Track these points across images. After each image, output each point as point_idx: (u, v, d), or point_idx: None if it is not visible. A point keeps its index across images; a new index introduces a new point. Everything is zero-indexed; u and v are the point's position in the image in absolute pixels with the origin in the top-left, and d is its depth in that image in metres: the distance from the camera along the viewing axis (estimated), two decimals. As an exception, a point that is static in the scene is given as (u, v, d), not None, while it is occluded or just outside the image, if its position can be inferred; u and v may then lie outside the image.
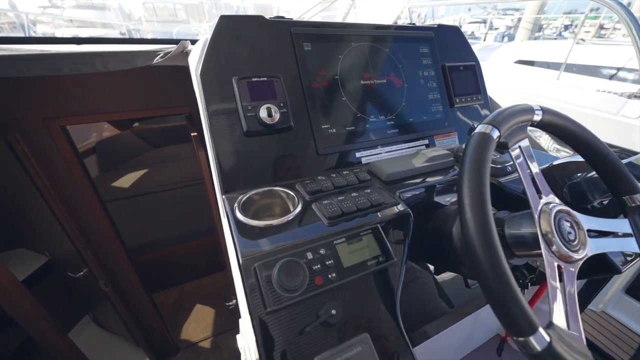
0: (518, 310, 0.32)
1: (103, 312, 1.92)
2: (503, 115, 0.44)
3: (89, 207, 1.44)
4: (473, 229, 0.35)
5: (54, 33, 6.11)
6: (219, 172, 0.58)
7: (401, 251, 0.52)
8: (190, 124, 1.38)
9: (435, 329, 0.64)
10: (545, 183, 0.45)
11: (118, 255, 1.64)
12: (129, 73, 1.27)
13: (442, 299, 0.67)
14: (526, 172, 0.45)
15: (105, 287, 1.62)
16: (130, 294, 1.75)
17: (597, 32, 7.74)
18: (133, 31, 6.58)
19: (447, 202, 0.68)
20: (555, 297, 0.38)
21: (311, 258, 0.43)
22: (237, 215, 0.51)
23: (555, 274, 0.40)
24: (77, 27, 6.80)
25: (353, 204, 0.52)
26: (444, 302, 0.67)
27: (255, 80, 0.60)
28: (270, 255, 0.43)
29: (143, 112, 1.49)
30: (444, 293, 0.68)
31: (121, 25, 6.88)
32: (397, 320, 0.48)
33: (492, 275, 0.33)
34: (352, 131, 0.70)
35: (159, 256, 2.37)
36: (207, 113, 0.58)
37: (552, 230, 0.41)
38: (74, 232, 1.40)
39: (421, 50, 0.83)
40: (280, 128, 0.61)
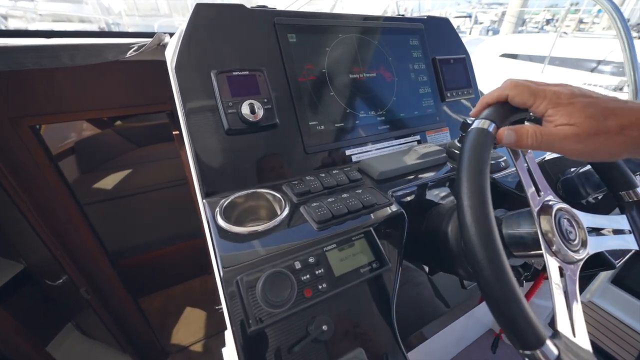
0: (525, 323, 0.30)
1: (86, 319, 1.84)
2: (500, 108, 0.42)
3: (65, 211, 1.36)
4: (475, 234, 0.33)
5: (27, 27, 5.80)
6: (198, 174, 0.53)
7: (396, 255, 0.49)
8: (172, 122, 1.32)
9: (431, 330, 0.62)
10: (544, 180, 0.43)
11: (99, 261, 1.56)
12: (105, 69, 1.19)
13: (437, 299, 0.65)
14: (524, 169, 0.43)
15: (87, 294, 1.55)
16: (114, 300, 1.68)
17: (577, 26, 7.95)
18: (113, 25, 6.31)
19: (441, 199, 0.66)
20: (559, 303, 0.36)
21: (299, 268, 0.40)
22: (219, 221, 0.47)
23: (557, 277, 0.38)
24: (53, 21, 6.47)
25: (344, 206, 0.49)
26: (439, 302, 0.65)
27: (236, 74, 0.56)
28: (254, 265, 0.39)
29: (121, 110, 1.41)
30: (439, 293, 0.66)
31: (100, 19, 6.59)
32: (393, 329, 0.45)
33: (497, 287, 0.31)
34: (342, 128, 0.67)
35: (144, 259, 2.29)
36: (184, 110, 0.53)
37: (552, 230, 0.39)
38: (49, 238, 1.32)
39: (411, 42, 0.80)
40: (265, 125, 0.57)
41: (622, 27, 1.05)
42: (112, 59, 0.76)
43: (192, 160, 0.54)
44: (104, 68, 1.20)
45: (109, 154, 2.95)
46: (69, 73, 1.15)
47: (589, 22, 9.25)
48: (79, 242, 1.47)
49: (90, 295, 1.55)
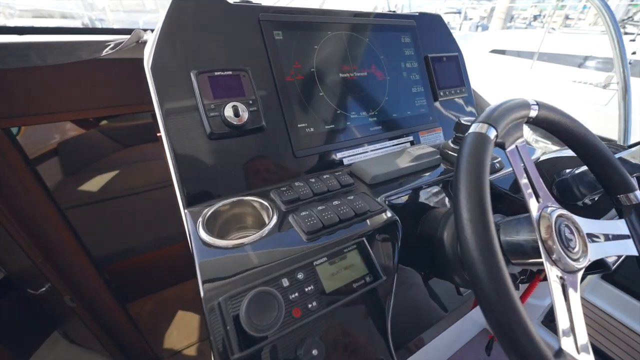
0: (528, 344, 0.28)
1: (73, 327, 1.78)
2: (499, 111, 0.40)
3: (45, 217, 1.30)
4: (475, 249, 0.31)
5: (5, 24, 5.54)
6: (179, 182, 0.50)
7: (390, 266, 0.46)
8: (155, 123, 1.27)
9: (426, 338, 0.60)
10: (543, 186, 0.42)
11: (83, 267, 1.50)
12: (87, 67, 1.13)
13: (432, 305, 0.63)
14: (523, 174, 0.41)
15: (72, 302, 1.49)
16: (101, 307, 1.63)
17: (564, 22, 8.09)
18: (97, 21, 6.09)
19: (436, 203, 0.64)
20: (562, 317, 0.34)
21: (287, 285, 0.37)
22: (201, 234, 0.44)
23: (559, 289, 0.36)
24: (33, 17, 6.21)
25: (335, 215, 0.47)
26: (434, 308, 0.63)
27: (218, 74, 0.52)
28: (238, 284, 0.36)
29: (104, 110, 1.35)
30: (433, 298, 0.64)
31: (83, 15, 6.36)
32: (388, 344, 0.43)
33: (499, 306, 0.29)
34: (332, 130, 0.64)
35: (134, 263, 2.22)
36: (162, 113, 0.49)
37: (552, 238, 0.38)
38: (28, 245, 1.26)
39: (403, 40, 0.77)
40: (250, 129, 0.54)
41: (612, 24, 1.05)
42: (87, 57, 0.71)
43: (173, 167, 0.50)
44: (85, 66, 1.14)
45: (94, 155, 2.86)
46: (48, 72, 1.09)
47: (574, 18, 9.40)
48: (61, 248, 1.41)
49: (75, 303, 1.49)
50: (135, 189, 2.35)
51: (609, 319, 1.16)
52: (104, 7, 6.76)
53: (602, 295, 1.22)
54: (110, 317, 1.70)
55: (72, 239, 1.46)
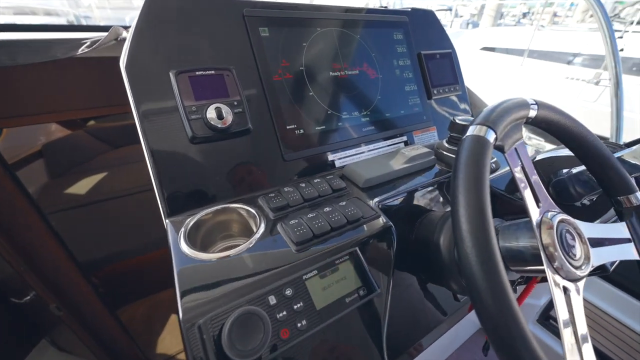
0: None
1: (62, 335, 1.72)
2: (497, 112, 0.37)
3: (26, 223, 1.24)
4: (476, 264, 0.28)
5: (-15, 21, 5.32)
6: (159, 190, 0.47)
7: (385, 276, 0.44)
8: (141, 124, 1.22)
9: (424, 344, 0.58)
10: (544, 189, 0.40)
11: (69, 274, 1.45)
12: (69, 66, 1.08)
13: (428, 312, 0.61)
14: (523, 178, 0.39)
15: (58, 310, 1.44)
16: (89, 314, 1.58)
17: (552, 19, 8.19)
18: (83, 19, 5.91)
19: (431, 205, 0.62)
20: (568, 332, 0.33)
21: (274, 303, 0.34)
22: (182, 247, 0.41)
23: (562, 301, 0.34)
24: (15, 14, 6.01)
25: (326, 223, 0.44)
26: (431, 314, 0.61)
27: (199, 74, 0.49)
28: (221, 302, 0.33)
29: (88, 111, 1.30)
30: (430, 302, 0.62)
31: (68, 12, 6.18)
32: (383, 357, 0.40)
33: (502, 327, 0.26)
34: (323, 131, 0.61)
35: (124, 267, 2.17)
36: (139, 116, 0.46)
37: (554, 244, 0.36)
38: (8, 252, 1.20)
39: (395, 36, 0.74)
40: (236, 132, 0.51)
41: (604, 21, 1.04)
42: (63, 56, 0.67)
43: (152, 174, 0.47)
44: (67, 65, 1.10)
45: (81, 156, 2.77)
46: (27, 72, 1.04)
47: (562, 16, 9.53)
48: (44, 255, 1.35)
49: (62, 312, 1.44)
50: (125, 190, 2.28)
51: (605, 316, 1.16)
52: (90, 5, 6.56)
53: (594, 291, 1.22)
54: (100, 323, 1.65)
55: (56, 245, 1.41)
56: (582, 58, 4.08)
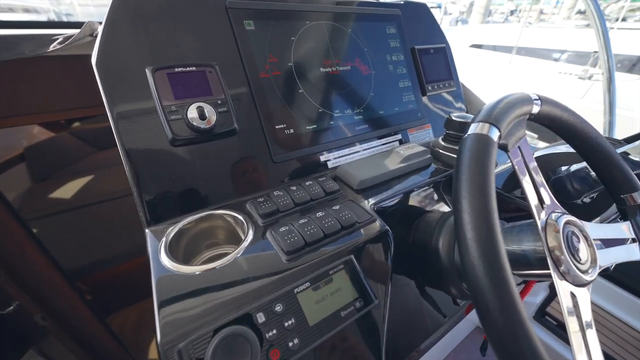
0: None
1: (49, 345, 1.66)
2: (500, 108, 0.35)
3: (4, 232, 1.18)
4: (483, 276, 0.26)
5: (-39, 19, 5.06)
6: (138, 197, 0.43)
7: (383, 284, 0.41)
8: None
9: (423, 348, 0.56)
10: (548, 190, 0.38)
11: (54, 282, 1.39)
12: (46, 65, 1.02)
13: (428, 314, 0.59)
14: (527, 178, 0.36)
15: (43, 320, 1.38)
16: (77, 323, 1.52)
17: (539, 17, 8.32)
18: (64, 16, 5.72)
19: (428, 207, 0.59)
20: (577, 339, 0.31)
21: (263, 321, 0.31)
22: (162, 259, 0.37)
23: (571, 308, 0.32)
24: (-8, 11, 5.76)
25: (319, 229, 0.41)
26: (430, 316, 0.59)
27: (179, 70, 0.45)
28: (204, 322, 0.30)
29: (72, 112, 1.24)
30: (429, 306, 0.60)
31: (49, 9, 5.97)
32: None
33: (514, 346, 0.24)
34: (314, 130, 0.58)
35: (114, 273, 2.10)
36: (114, 118, 0.42)
37: (560, 247, 0.34)
38: (-13, 264, 1.14)
39: (388, 30, 0.72)
40: (220, 132, 0.47)
41: (598, 18, 1.03)
42: (31, 54, 0.62)
43: (130, 180, 0.43)
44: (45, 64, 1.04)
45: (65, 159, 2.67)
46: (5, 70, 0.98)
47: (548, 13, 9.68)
48: (26, 264, 1.29)
49: (48, 321, 1.38)
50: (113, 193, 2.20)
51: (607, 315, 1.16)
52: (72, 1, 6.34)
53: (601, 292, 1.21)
54: (89, 331, 1.59)
55: (38, 252, 1.34)
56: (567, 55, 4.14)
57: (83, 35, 0.63)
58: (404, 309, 0.54)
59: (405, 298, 0.55)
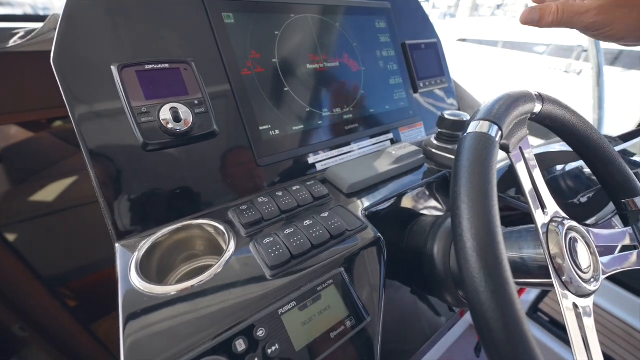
0: None
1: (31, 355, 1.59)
2: (500, 105, 0.32)
3: (-25, 240, 1.11)
4: (485, 291, 0.23)
5: None
6: (106, 208, 0.39)
7: (376, 299, 0.39)
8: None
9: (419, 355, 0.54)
10: (549, 193, 0.35)
11: (32, 290, 1.32)
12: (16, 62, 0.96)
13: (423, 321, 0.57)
14: (529, 181, 0.34)
15: (23, 331, 1.31)
16: (59, 331, 1.45)
17: (525, 11, 8.47)
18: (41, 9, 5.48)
19: (422, 209, 0.57)
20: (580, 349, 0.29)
21: (244, 349, 0.28)
22: (133, 279, 0.33)
23: (572, 315, 0.30)
24: (-36, 5, 5.47)
25: (306, 239, 0.38)
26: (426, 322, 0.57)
27: (149, 68, 0.41)
28: (176, 353, 0.27)
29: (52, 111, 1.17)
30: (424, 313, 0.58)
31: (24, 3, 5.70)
32: None
33: None
34: (301, 131, 0.55)
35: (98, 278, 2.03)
36: (75, 121, 0.38)
37: (562, 255, 0.32)
38: (-44, 275, 1.07)
39: (377, 25, 0.68)
40: (198, 135, 0.44)
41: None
42: (-11, 49, 0.56)
43: (97, 190, 0.39)
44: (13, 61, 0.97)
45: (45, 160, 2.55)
46: None
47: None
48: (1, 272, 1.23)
49: (28, 332, 1.32)
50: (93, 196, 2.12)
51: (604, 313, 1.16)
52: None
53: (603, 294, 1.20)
54: (73, 340, 1.53)
55: (14, 260, 1.28)
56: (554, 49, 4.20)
57: (48, 29, 0.58)
58: (398, 316, 0.52)
59: (399, 306, 0.53)
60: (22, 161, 2.34)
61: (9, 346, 1.58)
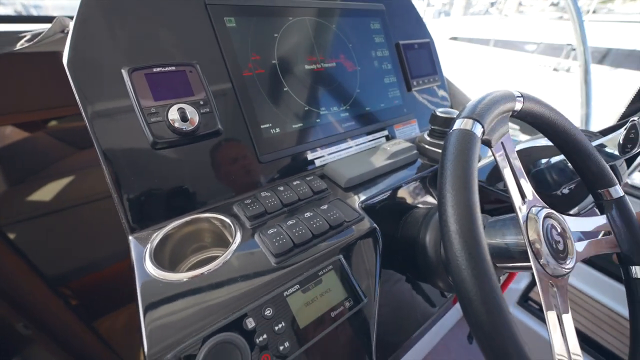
0: None
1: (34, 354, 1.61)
2: (483, 104, 0.35)
3: (-22, 239, 1.12)
4: (465, 267, 0.27)
5: None
6: (120, 204, 0.41)
7: (372, 283, 0.42)
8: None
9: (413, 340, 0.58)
10: (529, 184, 0.39)
11: (36, 289, 1.34)
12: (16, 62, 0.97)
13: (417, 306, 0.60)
14: (510, 174, 0.37)
15: (26, 329, 1.33)
16: (63, 329, 1.47)
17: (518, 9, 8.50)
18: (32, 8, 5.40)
19: (415, 202, 0.60)
20: (554, 326, 0.32)
21: (253, 327, 0.31)
22: (147, 267, 0.36)
23: (548, 294, 0.33)
24: (-47, 4, 5.37)
25: (307, 230, 0.41)
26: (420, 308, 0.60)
27: (157, 71, 0.43)
28: (192, 331, 0.30)
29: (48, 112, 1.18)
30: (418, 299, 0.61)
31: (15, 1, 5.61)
32: None
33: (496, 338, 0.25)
34: (301, 129, 0.57)
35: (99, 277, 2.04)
36: (91, 123, 0.40)
37: (540, 240, 0.35)
38: (-40, 274, 1.09)
39: (372, 26, 0.71)
40: (204, 134, 0.46)
41: (574, 11, 1.06)
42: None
43: (111, 187, 0.42)
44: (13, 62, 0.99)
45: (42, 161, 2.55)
46: None
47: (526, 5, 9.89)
48: (4, 271, 1.24)
49: (31, 330, 1.34)
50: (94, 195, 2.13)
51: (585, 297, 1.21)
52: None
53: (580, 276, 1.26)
54: (75, 338, 1.55)
55: (16, 259, 1.29)
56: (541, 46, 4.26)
57: (53, 32, 0.60)
58: (394, 303, 0.55)
59: (395, 292, 0.56)
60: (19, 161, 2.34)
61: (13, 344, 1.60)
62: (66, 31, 0.62)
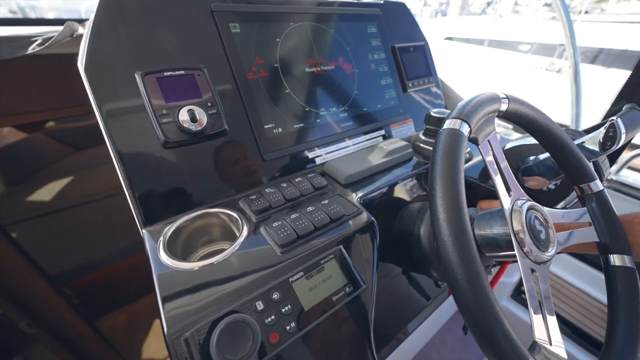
0: (506, 344, 0.28)
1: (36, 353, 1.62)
2: (470, 106, 0.39)
3: (-19, 239, 1.14)
4: (452, 251, 0.30)
5: None
6: (133, 200, 0.44)
7: (370, 270, 0.45)
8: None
9: (409, 329, 0.61)
10: (514, 179, 0.42)
11: (38, 288, 1.36)
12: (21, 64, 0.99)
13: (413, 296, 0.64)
14: (496, 169, 0.40)
15: (29, 327, 1.35)
16: (64, 328, 1.49)
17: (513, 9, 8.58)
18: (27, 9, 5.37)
19: (411, 197, 0.64)
20: (535, 308, 0.35)
21: (262, 308, 0.34)
22: (162, 257, 0.39)
23: (530, 280, 0.37)
24: (-53, 3, 5.31)
25: (310, 223, 0.44)
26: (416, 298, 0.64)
27: (168, 74, 0.46)
28: (207, 312, 0.33)
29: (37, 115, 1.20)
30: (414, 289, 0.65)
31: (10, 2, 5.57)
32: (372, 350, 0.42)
33: (478, 310, 0.28)
34: (302, 128, 0.60)
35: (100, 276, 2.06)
36: (106, 124, 0.43)
37: (523, 230, 0.38)
38: (-35, 273, 1.11)
39: (369, 30, 0.74)
40: (211, 134, 0.49)
41: (563, 11, 1.10)
42: (8, 56, 0.61)
43: (124, 184, 0.44)
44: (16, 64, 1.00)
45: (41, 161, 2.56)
46: None
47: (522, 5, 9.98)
48: (6, 270, 1.26)
49: (34, 329, 1.35)
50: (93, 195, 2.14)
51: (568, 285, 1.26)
52: (37, -7, 5.93)
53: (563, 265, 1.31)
54: (77, 336, 1.57)
55: (19, 258, 1.31)
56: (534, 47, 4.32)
57: (63, 36, 0.62)
58: (391, 293, 0.59)
59: (392, 283, 0.60)
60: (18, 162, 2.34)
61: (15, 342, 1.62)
62: (75, 35, 0.65)
